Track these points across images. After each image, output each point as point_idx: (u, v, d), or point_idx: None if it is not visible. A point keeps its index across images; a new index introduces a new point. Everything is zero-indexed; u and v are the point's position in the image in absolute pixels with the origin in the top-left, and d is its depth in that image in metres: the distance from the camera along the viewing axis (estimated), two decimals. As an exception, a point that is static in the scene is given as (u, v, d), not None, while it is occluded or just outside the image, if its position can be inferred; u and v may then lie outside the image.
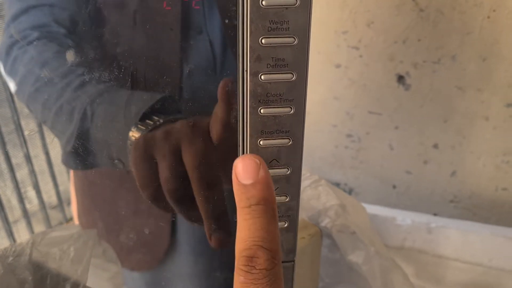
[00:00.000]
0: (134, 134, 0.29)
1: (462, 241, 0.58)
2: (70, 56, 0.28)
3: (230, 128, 0.26)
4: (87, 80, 0.29)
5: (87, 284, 0.36)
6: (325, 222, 0.44)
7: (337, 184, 0.77)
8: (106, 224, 0.40)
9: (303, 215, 0.44)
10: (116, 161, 0.31)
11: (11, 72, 0.35)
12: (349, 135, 0.72)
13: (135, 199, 0.34)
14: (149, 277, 0.42)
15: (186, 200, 0.29)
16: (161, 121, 0.28)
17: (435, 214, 0.65)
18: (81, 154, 0.32)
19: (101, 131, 0.31)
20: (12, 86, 0.36)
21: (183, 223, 0.35)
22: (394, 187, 0.73)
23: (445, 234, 0.59)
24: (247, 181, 0.21)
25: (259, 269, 0.19)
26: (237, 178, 0.21)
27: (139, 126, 0.29)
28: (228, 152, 0.27)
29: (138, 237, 0.37)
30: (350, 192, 0.77)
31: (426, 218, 0.60)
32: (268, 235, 0.20)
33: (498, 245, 0.57)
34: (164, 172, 0.28)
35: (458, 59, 0.61)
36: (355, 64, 0.67)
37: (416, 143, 0.68)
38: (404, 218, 0.60)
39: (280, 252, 0.20)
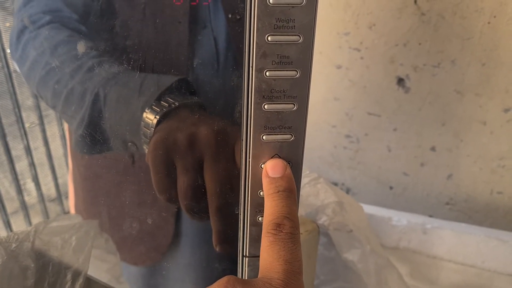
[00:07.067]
0: (148, 115, 0.29)
1: (456, 243, 0.59)
2: (81, 47, 0.29)
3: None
4: (99, 62, 0.29)
5: (88, 273, 0.36)
6: (322, 220, 0.45)
7: (335, 184, 0.78)
8: (107, 218, 0.40)
9: (301, 211, 0.45)
10: (129, 144, 0.31)
11: (22, 57, 0.35)
12: (348, 136, 0.73)
13: (138, 193, 0.34)
14: (146, 269, 0.42)
15: (200, 204, 0.31)
16: (177, 104, 0.28)
17: (430, 216, 0.66)
18: (92, 138, 0.32)
19: (114, 113, 0.31)
20: (22, 71, 0.36)
21: (185, 217, 0.35)
22: (391, 188, 0.74)
23: (440, 235, 0.59)
24: (276, 175, 0.26)
25: (285, 232, 0.24)
26: (267, 173, 0.26)
27: (153, 107, 0.29)
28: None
29: (139, 231, 0.37)
30: (347, 192, 0.77)
31: (422, 219, 0.61)
32: (292, 212, 0.25)
33: (492, 248, 0.58)
34: (182, 178, 0.30)
35: (458, 64, 0.62)
36: (356, 65, 0.68)
37: (414, 146, 0.69)
38: (400, 218, 0.61)
39: (299, 227, 0.25)
